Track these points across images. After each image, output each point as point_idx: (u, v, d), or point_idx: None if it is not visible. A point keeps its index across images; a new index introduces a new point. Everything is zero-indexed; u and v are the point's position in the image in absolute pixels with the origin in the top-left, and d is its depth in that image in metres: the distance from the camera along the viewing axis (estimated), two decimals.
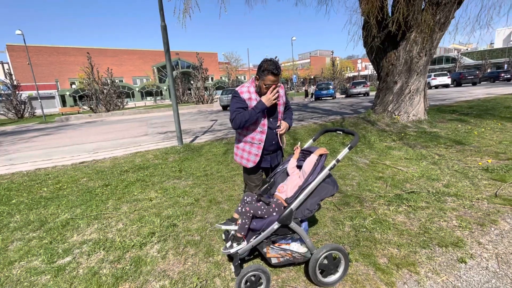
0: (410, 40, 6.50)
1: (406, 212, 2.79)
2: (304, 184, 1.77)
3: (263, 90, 2.06)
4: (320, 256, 1.76)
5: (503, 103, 9.66)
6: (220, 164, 4.87)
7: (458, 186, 3.30)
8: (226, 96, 18.85)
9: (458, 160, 4.30)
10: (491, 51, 53.64)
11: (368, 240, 2.33)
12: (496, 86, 22.74)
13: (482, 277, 1.83)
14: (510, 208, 2.70)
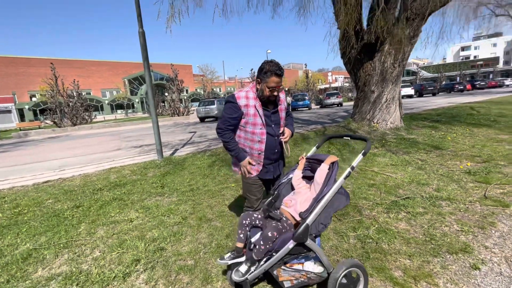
0: (384, 51, 6.83)
1: (406, 219, 2.73)
2: (319, 196, 1.61)
3: (266, 94, 1.90)
4: (340, 275, 1.58)
5: (465, 111, 10.49)
6: (206, 178, 4.57)
7: (448, 190, 3.35)
8: (203, 107, 18.48)
9: (440, 164, 4.44)
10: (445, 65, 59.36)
11: (377, 251, 2.21)
12: (453, 96, 24.97)
13: (499, 284, 1.77)
14: (502, 209, 2.76)
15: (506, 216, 2.62)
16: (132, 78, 49.22)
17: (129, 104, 49.52)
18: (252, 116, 1.93)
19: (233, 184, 4.17)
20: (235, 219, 3.01)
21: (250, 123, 1.94)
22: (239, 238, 1.79)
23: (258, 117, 1.93)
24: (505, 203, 2.86)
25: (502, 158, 4.45)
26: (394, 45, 6.61)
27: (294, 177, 1.99)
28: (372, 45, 6.78)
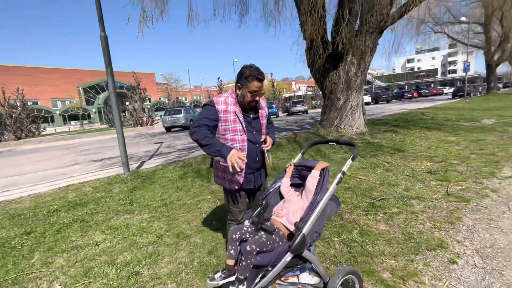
0: (348, 61, 7.26)
1: (384, 219, 2.84)
2: (314, 203, 1.56)
3: (247, 99, 1.83)
4: (337, 285, 1.54)
5: (417, 116, 11.59)
6: (180, 191, 4.31)
7: (416, 189, 3.58)
8: (169, 117, 17.77)
9: (404, 165, 4.77)
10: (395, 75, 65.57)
11: (364, 255, 2.23)
12: (404, 103, 27.57)
13: (476, 276, 1.89)
14: (464, 204, 3.02)
15: (468, 211, 2.87)
16: (88, 87, 45.76)
17: (84, 114, 45.75)
18: (232, 122, 1.84)
19: (210, 196, 3.98)
20: (216, 233, 2.85)
21: (230, 129, 1.85)
22: (230, 254, 1.66)
23: (238, 123, 1.85)
24: (466, 199, 3.14)
25: (455, 158, 4.94)
26: (356, 55, 7.07)
27: (282, 185, 1.93)
28: (337, 55, 7.18)
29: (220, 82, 32.56)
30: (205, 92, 57.85)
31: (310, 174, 1.72)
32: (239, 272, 1.50)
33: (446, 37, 24.84)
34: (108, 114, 32.47)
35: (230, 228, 2.08)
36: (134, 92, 24.81)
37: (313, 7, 6.06)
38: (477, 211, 2.84)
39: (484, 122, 8.74)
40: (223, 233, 2.81)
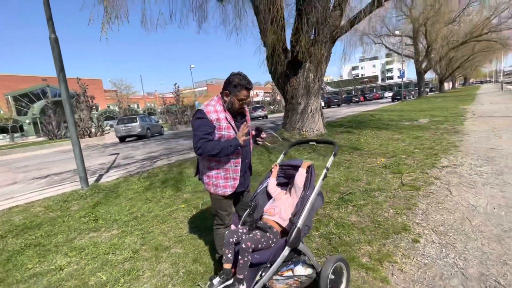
0: (306, 68, 7.75)
1: (354, 211, 3.11)
2: (305, 199, 1.67)
3: (235, 106, 1.89)
4: (329, 272, 1.67)
5: (367, 118, 12.82)
6: (149, 202, 4.08)
7: (376, 182, 3.99)
8: (123, 126, 16.56)
9: (363, 162, 5.26)
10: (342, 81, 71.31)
11: (342, 244, 2.42)
12: (353, 106, 30.20)
13: (436, 250, 2.21)
14: (417, 192, 3.47)
15: (420, 197, 3.31)
16: (19, 95, 40.06)
17: (15, 126, 39.83)
18: (226, 129, 1.87)
19: (183, 205, 3.86)
20: (198, 241, 2.79)
21: (225, 136, 1.87)
22: (227, 258, 1.67)
23: (231, 129, 1.89)
24: (417, 187, 3.61)
25: (402, 153, 5.61)
26: (314, 63, 7.59)
27: (269, 185, 2.01)
28: (296, 63, 7.61)
29: (177, 88, 31.53)
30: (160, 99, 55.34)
31: (297, 172, 1.84)
32: (238, 271, 1.53)
33: (384, 48, 28.15)
34: (47, 125, 28.90)
35: (219, 232, 2.10)
36: (78, 100, 22.56)
37: (274, 17, 6.36)
38: (427, 197, 3.29)
39: (421, 121, 10.08)
40: (205, 240, 2.77)
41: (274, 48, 6.96)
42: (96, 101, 28.10)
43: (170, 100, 46.44)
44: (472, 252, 2.12)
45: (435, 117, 10.87)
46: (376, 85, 70.33)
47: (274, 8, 6.24)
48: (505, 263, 1.95)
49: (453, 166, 4.36)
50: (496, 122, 8.23)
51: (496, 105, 13.73)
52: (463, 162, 4.54)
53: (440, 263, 2.04)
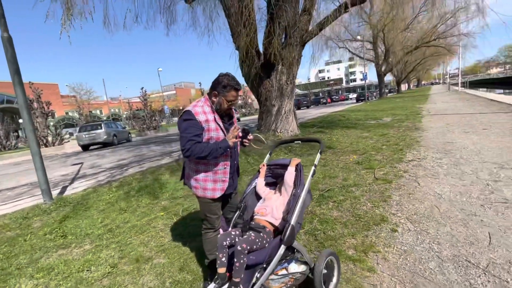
0: (279, 71, 7.91)
1: (335, 207, 3.22)
2: (296, 196, 1.70)
3: (224, 107, 1.86)
4: (322, 268, 1.71)
5: (336, 118, 13.43)
6: (124, 212, 3.83)
7: (351, 178, 4.19)
8: (86, 133, 15.42)
9: (337, 160, 5.49)
10: (310, 84, 73.97)
11: (328, 239, 2.50)
12: (321, 108, 31.46)
13: (413, 237, 2.38)
14: (389, 185, 3.70)
15: (393, 189, 3.54)
16: None
17: None
18: (215, 130, 1.84)
19: (162, 213, 3.69)
20: (182, 249, 2.68)
21: (214, 138, 1.84)
22: (221, 262, 1.63)
23: (220, 130, 1.86)
24: (389, 180, 3.86)
25: (372, 149, 5.97)
26: (286, 65, 7.78)
27: (258, 186, 2.00)
28: (269, 65, 7.73)
29: (145, 92, 30.21)
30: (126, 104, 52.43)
31: (287, 171, 1.86)
32: (234, 274, 1.50)
33: (348, 52, 29.82)
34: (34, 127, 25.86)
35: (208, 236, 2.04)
36: (32, 107, 20.52)
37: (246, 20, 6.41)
38: (399, 189, 3.53)
39: (384, 120, 10.82)
40: (190, 246, 2.67)
41: (247, 51, 7.01)
42: (52, 107, 25.76)
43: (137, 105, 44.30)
44: (444, 236, 2.32)
45: (397, 116, 11.74)
46: (341, 87, 74.15)
47: (246, 11, 6.30)
48: (472, 244, 2.17)
49: (418, 160, 4.74)
50: (448, 119, 9.13)
51: (447, 104, 15.24)
52: (426, 155, 4.96)
53: (418, 249, 2.20)
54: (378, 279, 1.90)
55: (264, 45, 6.86)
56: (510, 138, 5.43)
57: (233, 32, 7.77)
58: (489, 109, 10.41)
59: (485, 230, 2.33)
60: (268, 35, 6.41)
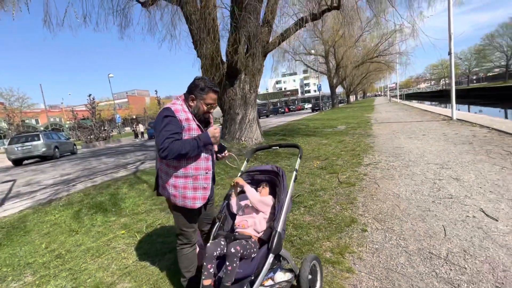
0: (242, 80, 7.97)
1: (307, 212, 3.29)
2: (281, 203, 1.67)
3: (203, 110, 1.77)
4: (308, 274, 1.69)
5: (296, 126, 13.99)
6: (76, 234, 3.35)
7: (318, 183, 4.34)
8: (20, 145, 13.35)
9: (302, 166, 5.67)
10: (268, 94, 76.28)
11: (305, 244, 2.51)
12: (280, 117, 32.53)
13: (381, 235, 2.53)
14: (353, 187, 3.93)
15: (357, 192, 3.76)
16: None
17: None
18: (195, 130, 1.72)
19: (122, 231, 3.33)
20: (151, 269, 2.43)
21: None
22: (208, 274, 1.50)
23: (200, 130, 1.75)
24: (352, 183, 4.10)
25: (332, 155, 6.32)
26: (249, 74, 7.88)
27: (232, 207, 1.91)
28: (233, 74, 7.75)
29: (92, 100, 27.66)
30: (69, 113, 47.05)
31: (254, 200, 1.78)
32: (225, 279, 1.40)
33: (303, 64, 31.67)
34: None
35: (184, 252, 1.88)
36: None
37: (210, 28, 6.36)
38: (362, 191, 3.77)
39: (340, 128, 11.63)
40: (160, 266, 2.44)
41: (212, 59, 6.93)
42: None
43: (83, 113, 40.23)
44: (407, 232, 2.52)
45: (350, 124, 12.73)
46: (297, 97, 78.02)
47: (210, 18, 6.26)
48: (431, 236, 2.39)
49: (374, 164, 5.15)
50: (393, 127, 10.20)
51: (390, 113, 17.07)
52: (380, 159, 5.42)
53: (387, 246, 2.34)
54: (357, 279, 1.96)
55: (229, 53, 6.86)
56: (444, 142, 6.27)
57: (195, 39, 7.63)
58: (424, 118, 11.95)
59: (440, 223, 2.59)
60: (233, 43, 6.44)
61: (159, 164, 1.80)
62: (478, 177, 3.67)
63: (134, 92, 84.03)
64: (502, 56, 48.05)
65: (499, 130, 6.76)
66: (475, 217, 2.62)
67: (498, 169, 3.88)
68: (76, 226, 3.53)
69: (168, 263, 2.48)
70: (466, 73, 65.75)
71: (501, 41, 45.36)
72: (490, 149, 5.10)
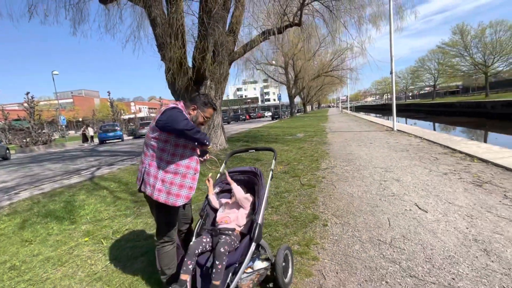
0: (207, 86, 8.06)
1: (274, 211, 3.55)
2: (261, 198, 1.88)
3: (200, 120, 2.01)
4: (282, 261, 1.92)
5: (258, 133, 14.42)
6: (30, 244, 3.07)
7: (282, 186, 4.67)
8: None
9: (266, 171, 5.98)
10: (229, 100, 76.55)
11: (275, 240, 2.76)
12: (241, 124, 32.92)
13: (340, 229, 2.91)
14: (314, 189, 4.34)
15: (317, 192, 4.17)
16: None
17: None
18: None
19: (86, 238, 3.17)
20: (122, 273, 2.40)
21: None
22: (187, 269, 1.63)
23: None
24: (313, 185, 4.52)
25: (294, 160, 6.78)
26: (215, 81, 8.01)
27: (212, 202, 2.08)
28: (198, 80, 7.79)
29: (31, 99, 24.54)
30: None
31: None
32: (215, 277, 1.55)
33: (264, 73, 32.78)
34: None
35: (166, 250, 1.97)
36: None
37: (180, 33, 6.37)
38: (322, 191, 4.19)
39: (299, 136, 12.37)
40: (134, 268, 2.44)
41: (180, 64, 6.90)
42: None
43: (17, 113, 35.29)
44: (360, 225, 2.94)
45: (308, 132, 13.63)
46: (257, 105, 79.86)
47: (178, 23, 6.28)
48: (379, 227, 2.84)
49: (330, 168, 5.70)
50: (345, 135, 11.27)
51: (342, 123, 18.68)
52: (335, 164, 6.02)
53: (345, 237, 2.72)
54: (322, 265, 2.26)
55: (197, 59, 6.91)
56: (387, 149, 7.22)
57: (159, 42, 7.51)
58: (371, 128, 13.43)
59: (385, 216, 3.09)
60: (201, 50, 6.54)
61: (149, 159, 1.85)
62: (413, 178, 4.39)
63: (81, 92, 76.36)
64: (431, 77, 56.31)
65: (429, 140, 8.04)
66: (411, 210, 3.18)
67: (428, 172, 4.69)
68: (29, 236, 3.23)
69: (142, 265, 2.49)
70: (404, 89, 75.27)
71: (430, 64, 53.26)
72: (422, 155, 6.07)
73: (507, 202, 3.14)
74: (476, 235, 2.48)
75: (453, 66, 44.51)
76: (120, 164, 8.41)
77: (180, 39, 6.45)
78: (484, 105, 24.00)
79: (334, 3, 9.84)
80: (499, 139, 14.01)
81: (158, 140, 1.80)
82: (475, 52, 38.46)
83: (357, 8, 10.55)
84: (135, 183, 1.76)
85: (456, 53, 41.45)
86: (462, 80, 53.26)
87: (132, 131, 26.77)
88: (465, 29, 38.41)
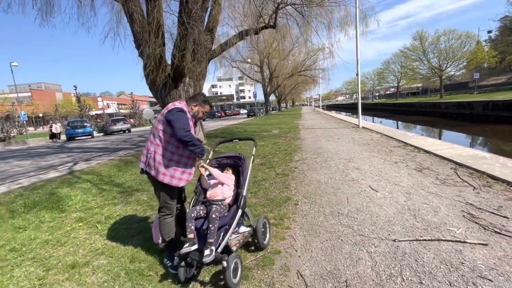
0: (186, 83, 8.32)
1: (253, 196, 4.05)
2: (245, 176, 2.36)
3: (200, 115, 2.45)
4: (261, 227, 2.43)
5: (235, 130, 14.81)
6: (24, 230, 3.24)
7: (260, 175, 5.19)
8: None
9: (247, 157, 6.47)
10: None
11: (255, 216, 3.25)
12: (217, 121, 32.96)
13: (308, 206, 3.49)
14: (287, 177, 4.91)
15: (290, 180, 4.75)
16: None
17: None
18: (192, 126, 2.30)
19: (80, 223, 3.42)
20: (123, 247, 2.75)
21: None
22: (190, 230, 2.06)
23: (193, 129, 2.32)
24: (287, 174, 5.10)
25: (269, 154, 7.35)
26: (193, 78, 8.29)
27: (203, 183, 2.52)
28: (177, 77, 8.01)
29: None
30: None
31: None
32: (209, 236, 2.00)
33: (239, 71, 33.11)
34: None
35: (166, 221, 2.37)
36: None
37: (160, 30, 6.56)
38: (294, 179, 4.78)
39: (274, 132, 13.01)
40: (134, 243, 2.80)
41: (156, 61, 7.07)
42: None
43: None
44: (325, 203, 3.55)
45: (282, 129, 14.33)
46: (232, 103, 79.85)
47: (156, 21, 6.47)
48: (339, 204, 3.47)
49: (302, 160, 6.34)
50: (317, 132, 12.11)
51: (314, 121, 19.73)
52: (307, 156, 6.68)
53: (312, 212, 3.30)
54: (293, 232, 2.81)
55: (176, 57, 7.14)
56: (352, 144, 8.07)
57: (136, 38, 7.60)
58: (340, 126, 14.49)
59: (345, 196, 3.73)
60: (181, 49, 6.78)
61: (155, 147, 2.24)
62: (370, 167, 5.15)
63: (41, 86, 70.36)
64: (394, 79, 60.69)
65: (387, 136, 9.07)
66: (365, 191, 3.86)
67: (382, 161, 5.50)
68: (22, 223, 3.40)
69: (140, 241, 2.85)
70: (371, 90, 80.00)
71: (394, 67, 57.43)
72: (379, 148, 6.96)
73: (437, 182, 3.96)
74: (410, 206, 3.20)
75: (414, 69, 48.42)
76: (98, 159, 8.37)
77: (160, 37, 6.65)
78: (439, 105, 26.67)
79: (306, 9, 10.52)
80: (448, 135, 15.93)
81: (165, 133, 2.20)
82: (432, 57, 42.23)
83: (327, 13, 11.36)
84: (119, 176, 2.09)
85: (416, 57, 45.16)
86: (421, 82, 58.08)
87: (102, 127, 25.65)
88: (424, 36, 42.00)
